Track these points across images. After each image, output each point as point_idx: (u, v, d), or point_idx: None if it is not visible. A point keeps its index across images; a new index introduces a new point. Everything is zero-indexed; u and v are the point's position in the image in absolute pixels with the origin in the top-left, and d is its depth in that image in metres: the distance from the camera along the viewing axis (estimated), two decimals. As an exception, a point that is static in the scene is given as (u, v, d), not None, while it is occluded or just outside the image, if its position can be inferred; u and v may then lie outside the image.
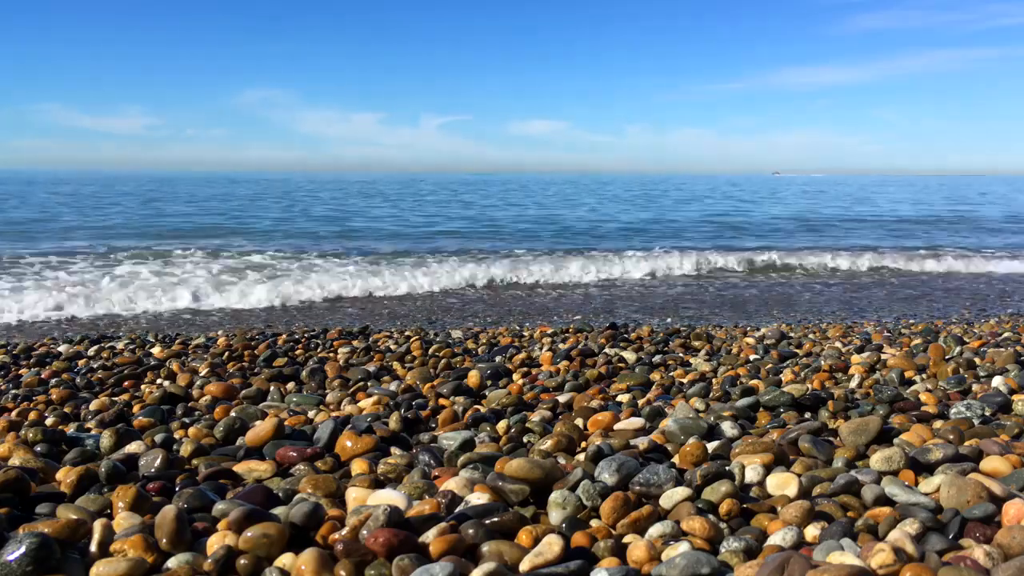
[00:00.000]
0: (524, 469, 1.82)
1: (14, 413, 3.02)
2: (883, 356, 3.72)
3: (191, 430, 2.60)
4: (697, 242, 15.53)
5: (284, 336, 4.88)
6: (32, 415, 2.97)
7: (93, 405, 3.12)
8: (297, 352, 4.25)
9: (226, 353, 4.21)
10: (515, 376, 3.62)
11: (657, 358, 3.96)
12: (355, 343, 4.50)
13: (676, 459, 2.11)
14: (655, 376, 3.53)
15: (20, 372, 3.98)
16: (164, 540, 1.52)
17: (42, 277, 9.60)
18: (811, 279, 10.43)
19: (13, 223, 18.93)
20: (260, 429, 2.39)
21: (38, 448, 2.32)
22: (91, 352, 4.45)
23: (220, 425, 2.55)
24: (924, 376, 3.30)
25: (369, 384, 3.48)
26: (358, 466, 2.12)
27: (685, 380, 3.44)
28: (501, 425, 2.58)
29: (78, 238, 15.49)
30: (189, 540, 1.56)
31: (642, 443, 2.25)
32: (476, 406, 2.97)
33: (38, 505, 1.81)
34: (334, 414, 2.92)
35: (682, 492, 1.74)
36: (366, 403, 3.02)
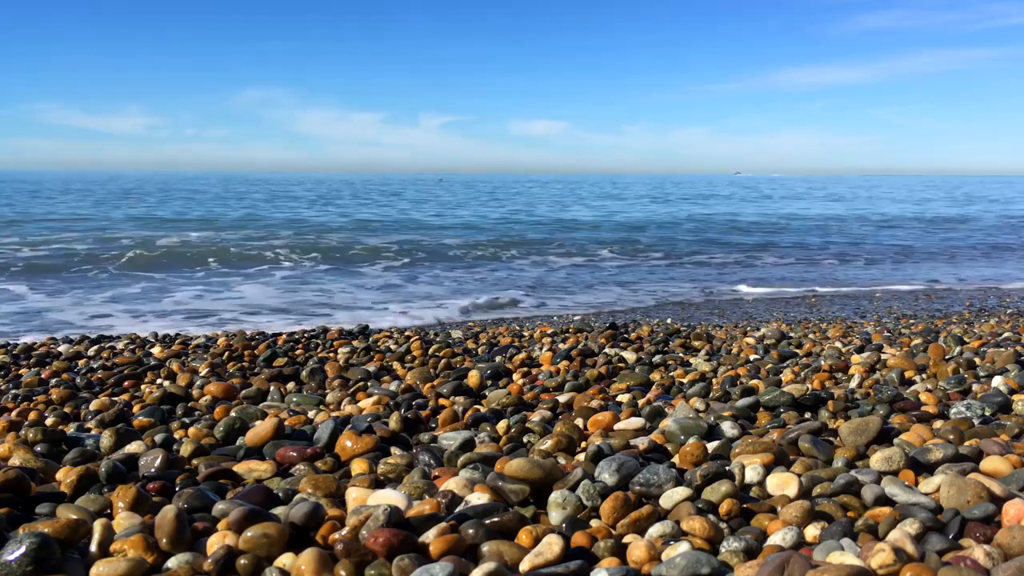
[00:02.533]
0: (524, 469, 1.82)
1: (14, 413, 3.02)
2: (883, 356, 3.72)
3: (191, 430, 2.60)
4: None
5: (284, 336, 4.89)
6: (32, 415, 2.97)
7: (93, 405, 3.12)
8: (297, 352, 4.24)
9: (226, 353, 4.21)
10: (515, 376, 3.62)
11: (657, 358, 3.96)
12: (355, 343, 4.50)
13: (676, 459, 2.11)
14: (655, 376, 3.53)
15: (20, 372, 3.98)
16: (164, 540, 1.52)
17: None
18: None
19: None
20: (260, 429, 2.39)
21: (38, 448, 2.32)
22: (91, 352, 4.45)
23: (220, 425, 2.55)
24: (924, 376, 3.29)
25: (369, 384, 3.47)
26: (358, 466, 2.12)
27: (685, 380, 3.44)
28: (501, 425, 2.58)
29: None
30: (189, 540, 1.56)
31: (642, 443, 2.24)
32: (476, 406, 2.97)
33: (38, 505, 1.81)
34: (334, 414, 2.92)
35: (682, 492, 1.74)
36: (366, 403, 3.02)
